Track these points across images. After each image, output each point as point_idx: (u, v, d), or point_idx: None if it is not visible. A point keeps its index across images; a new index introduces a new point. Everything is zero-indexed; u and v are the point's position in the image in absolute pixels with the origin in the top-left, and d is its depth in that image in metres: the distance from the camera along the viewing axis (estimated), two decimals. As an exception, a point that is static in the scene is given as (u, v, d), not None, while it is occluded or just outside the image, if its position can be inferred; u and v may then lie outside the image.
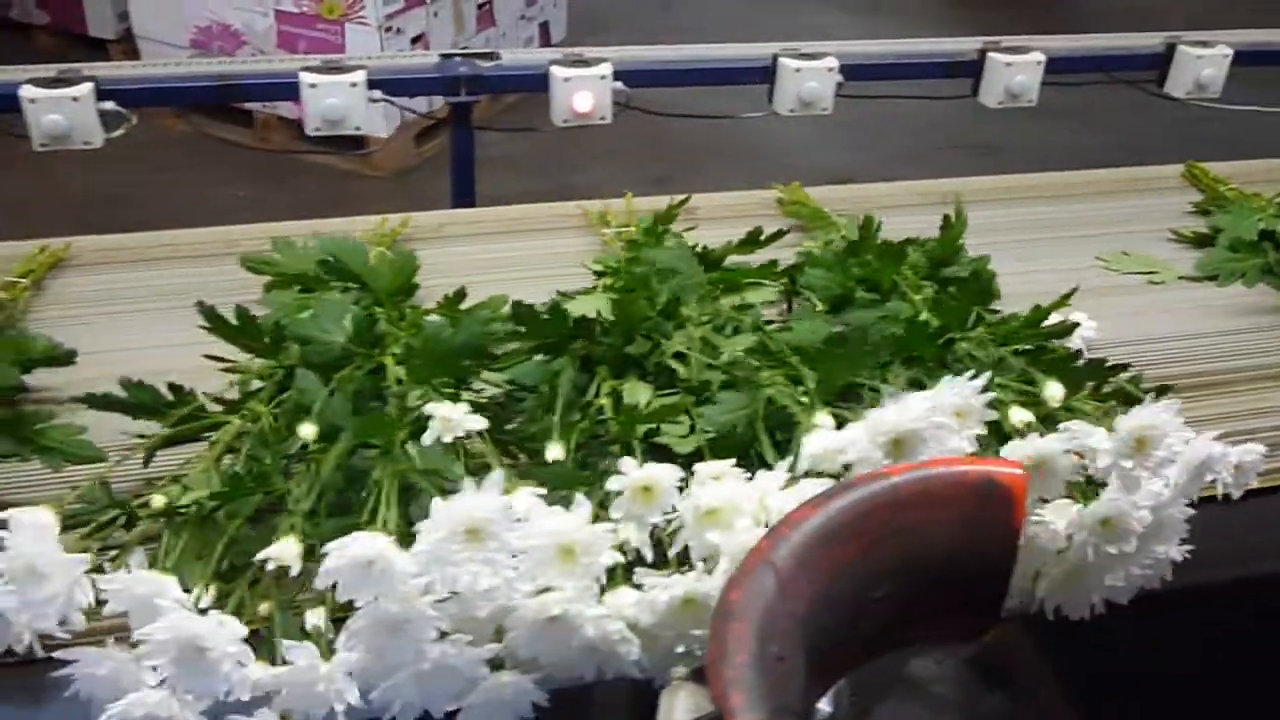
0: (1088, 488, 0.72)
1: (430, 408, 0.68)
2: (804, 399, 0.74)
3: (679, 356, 0.83)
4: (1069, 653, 1.16)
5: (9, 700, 0.66)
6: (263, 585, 0.68)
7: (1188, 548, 0.74)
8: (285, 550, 0.63)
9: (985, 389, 0.69)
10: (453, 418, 0.68)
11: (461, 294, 0.91)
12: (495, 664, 0.66)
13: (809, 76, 1.37)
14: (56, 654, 0.63)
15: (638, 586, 0.67)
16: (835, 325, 0.90)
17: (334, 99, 1.24)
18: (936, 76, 1.55)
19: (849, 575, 0.53)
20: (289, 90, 1.26)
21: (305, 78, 1.23)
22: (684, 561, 0.68)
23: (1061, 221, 1.20)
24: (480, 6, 3.33)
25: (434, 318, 0.89)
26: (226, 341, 0.82)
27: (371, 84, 1.28)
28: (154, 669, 0.61)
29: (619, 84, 1.34)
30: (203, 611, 0.64)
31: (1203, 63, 1.51)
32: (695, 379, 0.80)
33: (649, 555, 0.69)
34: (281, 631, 0.65)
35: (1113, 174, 1.29)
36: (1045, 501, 0.70)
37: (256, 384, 0.83)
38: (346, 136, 1.76)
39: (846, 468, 0.67)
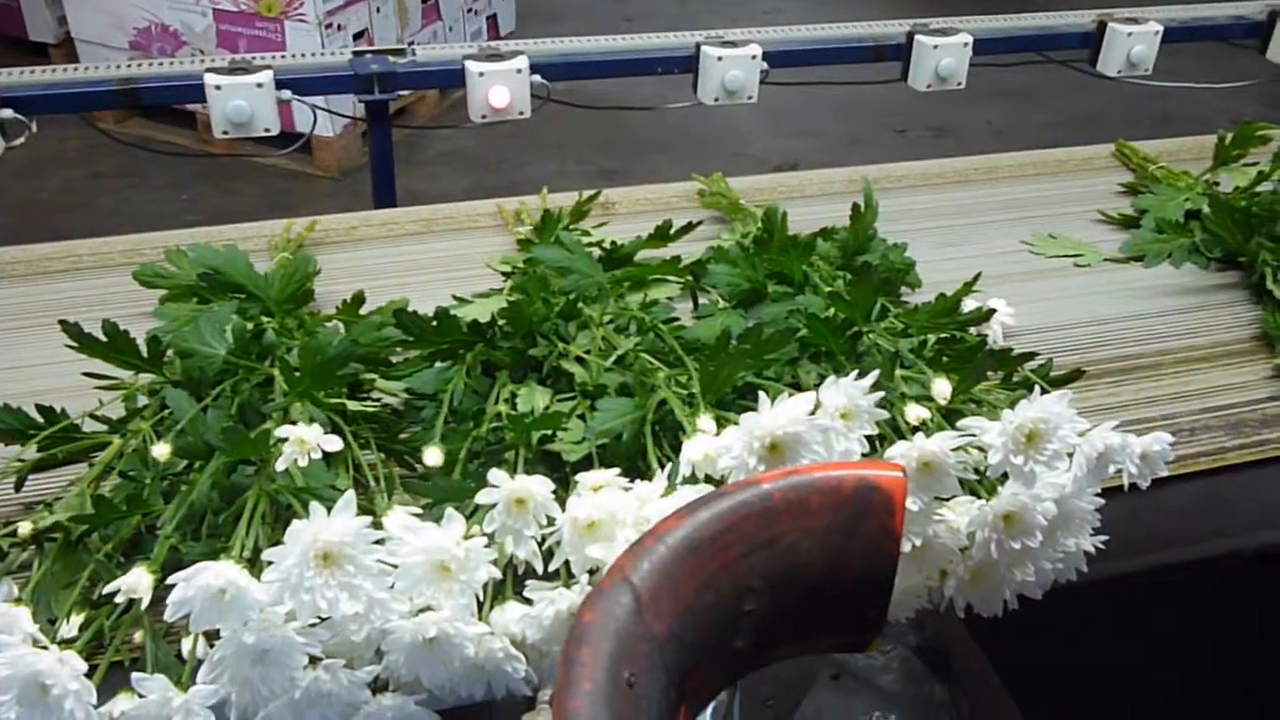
0: (990, 483, 0.70)
1: (282, 430, 0.65)
2: (690, 401, 0.71)
3: (578, 360, 0.80)
4: (1008, 641, 1.15)
5: None
6: (133, 613, 0.65)
7: (1101, 538, 0.72)
8: (137, 581, 0.61)
9: (877, 386, 0.67)
10: (307, 439, 0.65)
11: (360, 299, 0.88)
12: (380, 686, 0.64)
13: (732, 65, 1.35)
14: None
15: (529, 601, 0.65)
16: (749, 321, 0.88)
17: (240, 100, 1.20)
18: (863, 60, 1.54)
19: (717, 589, 0.50)
20: (195, 93, 1.23)
21: (210, 79, 1.20)
22: (571, 574, 0.66)
23: (989, 205, 1.18)
24: (425, 1, 3.30)
25: (333, 325, 0.86)
26: (99, 359, 0.79)
27: (280, 84, 1.25)
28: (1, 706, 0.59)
29: (537, 77, 1.32)
30: (67, 643, 0.62)
31: (1133, 40, 1.50)
32: (593, 382, 0.77)
33: (540, 567, 0.67)
34: (153, 661, 0.63)
35: (1042, 155, 1.27)
36: (943, 500, 0.68)
37: (143, 400, 0.81)
38: (293, 135, 1.74)
39: (724, 476, 0.65)
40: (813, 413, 0.65)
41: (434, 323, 0.78)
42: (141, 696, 0.59)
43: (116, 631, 0.64)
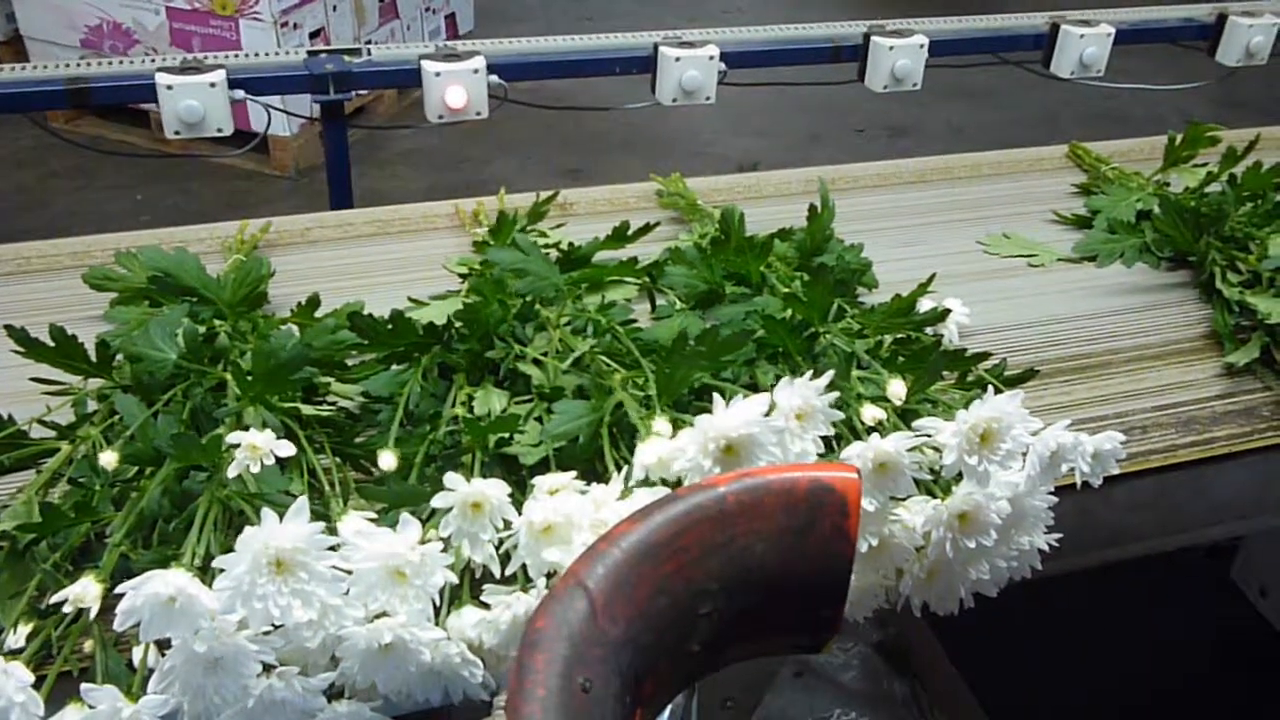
0: (946, 483, 0.70)
1: (233, 436, 0.65)
2: (647, 403, 0.71)
3: (534, 361, 0.80)
4: (966, 637, 1.17)
5: None
6: (82, 622, 0.64)
7: (1056, 536, 0.73)
8: (84, 591, 0.60)
9: (833, 386, 0.67)
10: (259, 444, 0.64)
11: (315, 302, 0.88)
12: (336, 693, 0.64)
13: (690, 65, 1.35)
14: None
15: (486, 605, 0.65)
16: (709, 322, 0.88)
17: (192, 100, 1.19)
18: (821, 61, 1.56)
19: (673, 592, 0.50)
20: (145, 93, 1.22)
21: (161, 79, 1.19)
22: (529, 578, 0.66)
23: (944, 206, 1.19)
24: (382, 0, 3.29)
25: (288, 328, 0.86)
26: (50, 364, 0.77)
27: (234, 84, 1.24)
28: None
29: (494, 77, 1.31)
30: (13, 654, 0.61)
31: (1085, 41, 1.53)
32: (550, 384, 0.77)
33: (498, 571, 0.66)
34: (103, 671, 0.62)
35: (997, 156, 1.28)
36: (898, 500, 0.69)
37: (93, 406, 0.79)
38: (249, 135, 1.72)
39: (680, 479, 0.65)
40: (768, 414, 0.65)
41: (389, 326, 0.78)
42: (91, 708, 0.58)
43: (65, 641, 0.63)
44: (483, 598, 0.64)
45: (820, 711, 1.18)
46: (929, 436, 0.68)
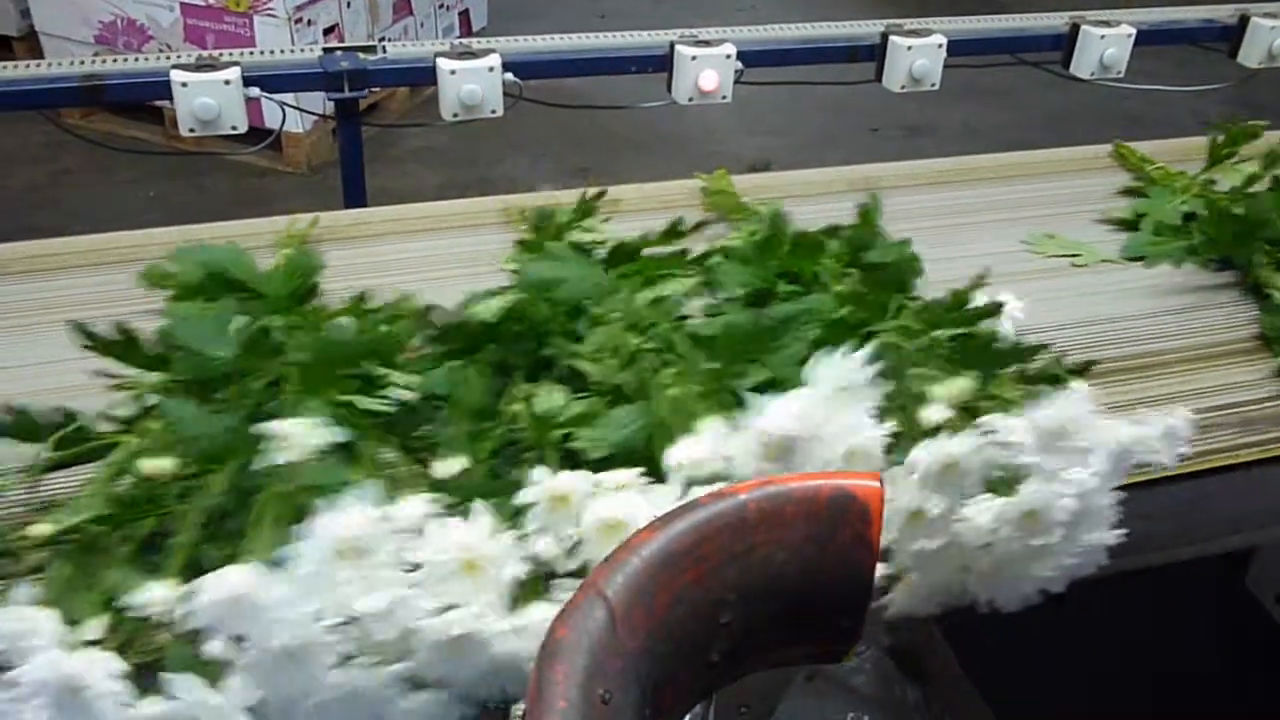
0: (1011, 480, 0.70)
1: (269, 426, 0.65)
2: (699, 400, 0.72)
3: (589, 358, 0.80)
4: (978, 643, 1.16)
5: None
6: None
7: (1121, 531, 0.73)
8: (159, 595, 0.60)
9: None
10: (293, 435, 0.64)
11: (365, 296, 0.88)
12: (410, 684, 0.64)
13: (706, 64, 1.35)
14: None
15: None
16: (763, 320, 0.88)
17: (207, 98, 1.19)
18: (838, 61, 1.54)
19: (692, 601, 0.50)
20: (160, 90, 1.21)
21: (176, 76, 1.19)
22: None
23: (987, 205, 1.19)
24: None
25: (340, 322, 0.86)
26: (109, 358, 0.78)
27: (248, 81, 1.23)
28: (36, 710, 0.58)
29: (509, 75, 1.31)
30: (92, 645, 0.61)
31: (1106, 42, 1.52)
32: (609, 380, 0.77)
33: (561, 567, 0.66)
34: (176, 663, 0.62)
35: (1039, 155, 1.28)
36: (966, 498, 0.69)
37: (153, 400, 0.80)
38: (263, 132, 1.72)
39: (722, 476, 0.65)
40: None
41: (451, 323, 0.78)
42: (174, 698, 0.58)
43: (139, 634, 0.64)
44: (552, 593, 0.64)
45: (832, 715, 1.18)
46: (993, 433, 0.68)
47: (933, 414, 0.71)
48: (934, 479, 0.66)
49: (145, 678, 0.60)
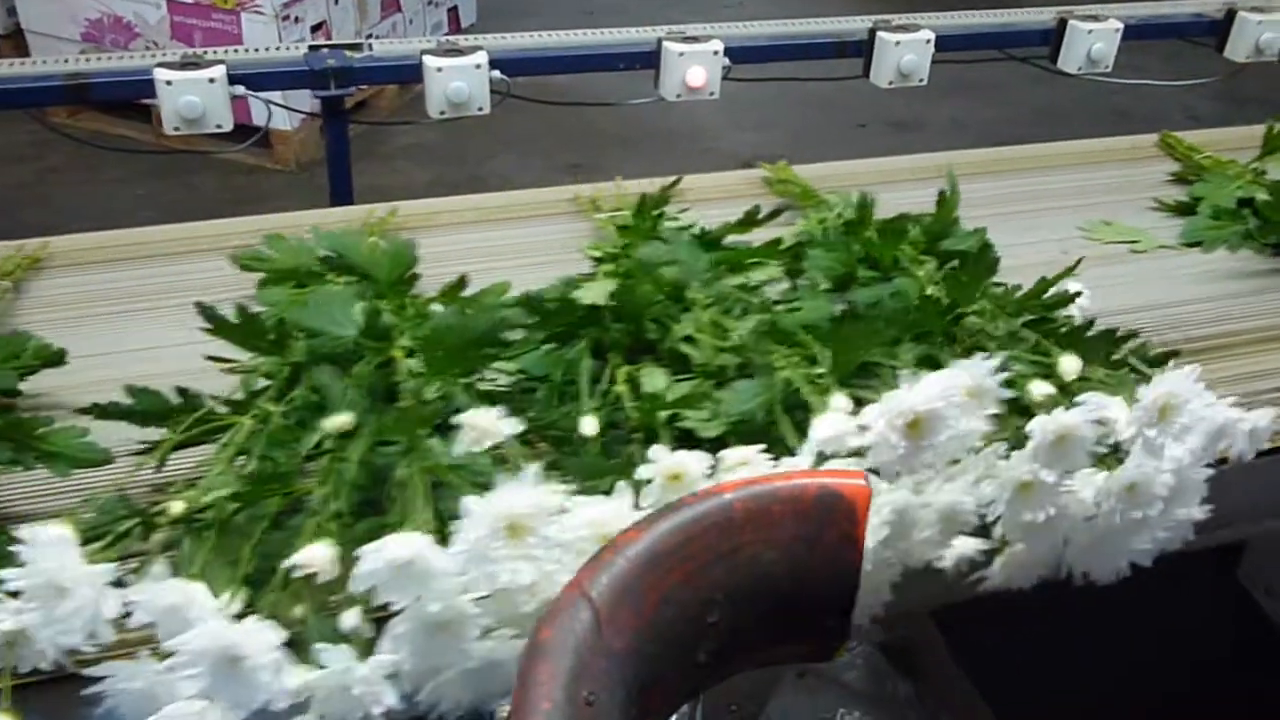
0: (1109, 455, 0.73)
1: (463, 417, 0.67)
2: (818, 380, 0.74)
3: (688, 340, 0.82)
4: (971, 639, 1.17)
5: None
6: (293, 589, 0.66)
7: (1209, 507, 0.75)
8: (318, 555, 0.62)
9: (1002, 366, 0.70)
10: (486, 426, 0.66)
11: (463, 282, 0.90)
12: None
13: (694, 60, 1.35)
14: (87, 670, 0.61)
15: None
16: (838, 304, 0.90)
17: (192, 96, 1.19)
18: (825, 57, 1.54)
19: (679, 602, 0.50)
20: (145, 89, 1.21)
21: (160, 75, 1.19)
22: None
23: (1042, 193, 1.21)
24: None
25: (437, 307, 0.87)
26: (227, 341, 0.79)
27: (234, 79, 1.24)
28: (191, 680, 0.60)
29: (496, 73, 1.32)
30: (236, 618, 0.63)
31: (1093, 37, 1.53)
32: (711, 363, 0.79)
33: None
34: (316, 635, 0.64)
35: (1089, 145, 1.30)
36: (1070, 473, 0.71)
37: (261, 383, 0.81)
38: (251, 129, 1.71)
39: (862, 452, 0.67)
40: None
41: (555, 305, 0.80)
42: (322, 667, 0.60)
43: (278, 608, 0.65)
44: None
45: (823, 712, 1.18)
46: (1101, 409, 0.70)
47: (1037, 390, 0.73)
48: (1046, 451, 0.68)
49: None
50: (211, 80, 1.23)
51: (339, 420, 0.69)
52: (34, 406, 0.83)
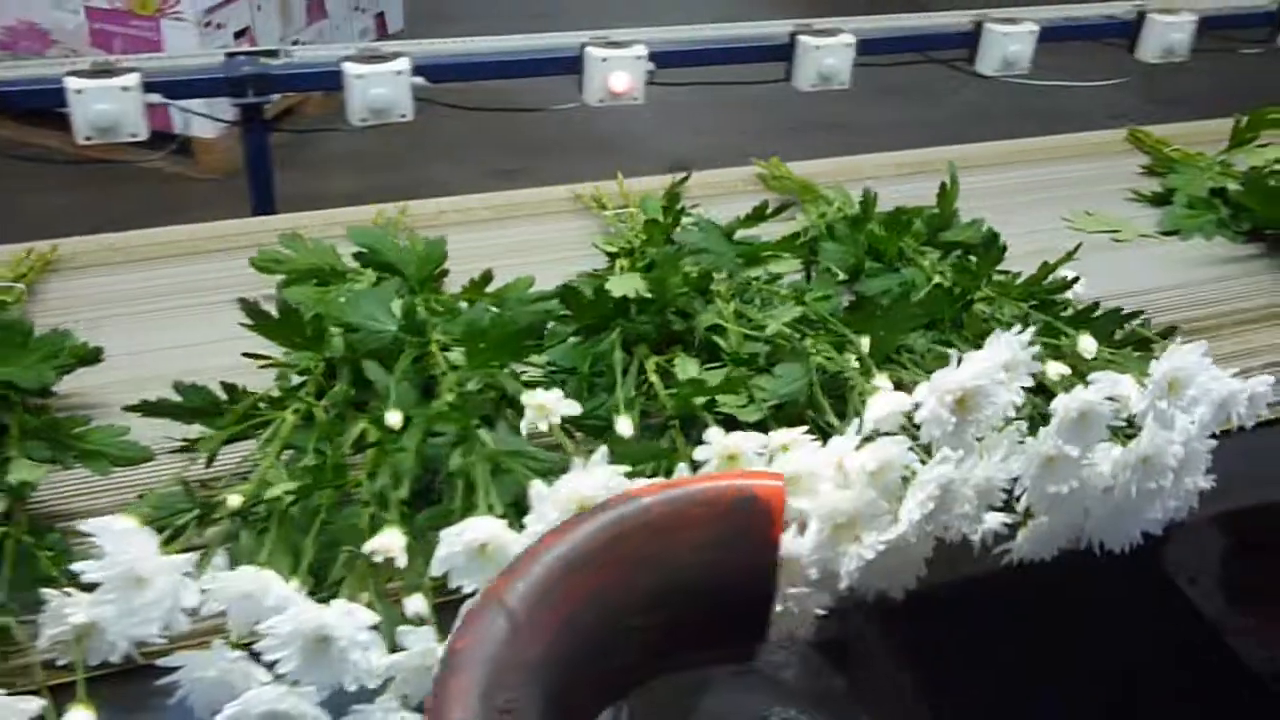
0: (1122, 431, 0.77)
1: (525, 397, 0.69)
2: (857, 364, 0.77)
3: (716, 330, 0.85)
4: (907, 632, 1.20)
5: (111, 713, 0.64)
6: (357, 575, 0.67)
7: (1213, 477, 0.80)
8: (392, 542, 0.63)
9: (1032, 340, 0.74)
10: (548, 404, 0.69)
11: (488, 277, 0.91)
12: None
13: (617, 65, 1.37)
14: (160, 661, 0.62)
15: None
16: (845, 294, 0.94)
17: (104, 105, 1.18)
18: (748, 61, 1.56)
19: (597, 607, 0.50)
20: (55, 97, 1.20)
21: (71, 83, 1.18)
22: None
23: (1020, 187, 1.26)
24: None
25: (463, 303, 0.89)
26: (267, 337, 0.81)
27: (149, 86, 1.22)
28: (270, 665, 0.61)
29: (419, 79, 1.32)
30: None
31: (1009, 39, 1.57)
32: (740, 351, 0.82)
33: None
34: (386, 620, 0.66)
35: (1064, 140, 1.36)
36: (1090, 447, 0.75)
37: (295, 379, 0.82)
38: (173, 137, 1.67)
39: (915, 427, 0.70)
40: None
41: (590, 298, 0.82)
42: (403, 649, 0.62)
43: (345, 594, 0.67)
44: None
45: (759, 710, 1.20)
46: (1115, 386, 0.74)
47: (1053, 370, 0.77)
48: (1070, 427, 0.72)
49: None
50: (125, 88, 1.21)
51: (396, 417, 0.70)
52: (63, 406, 0.83)
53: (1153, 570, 1.70)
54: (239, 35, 2.97)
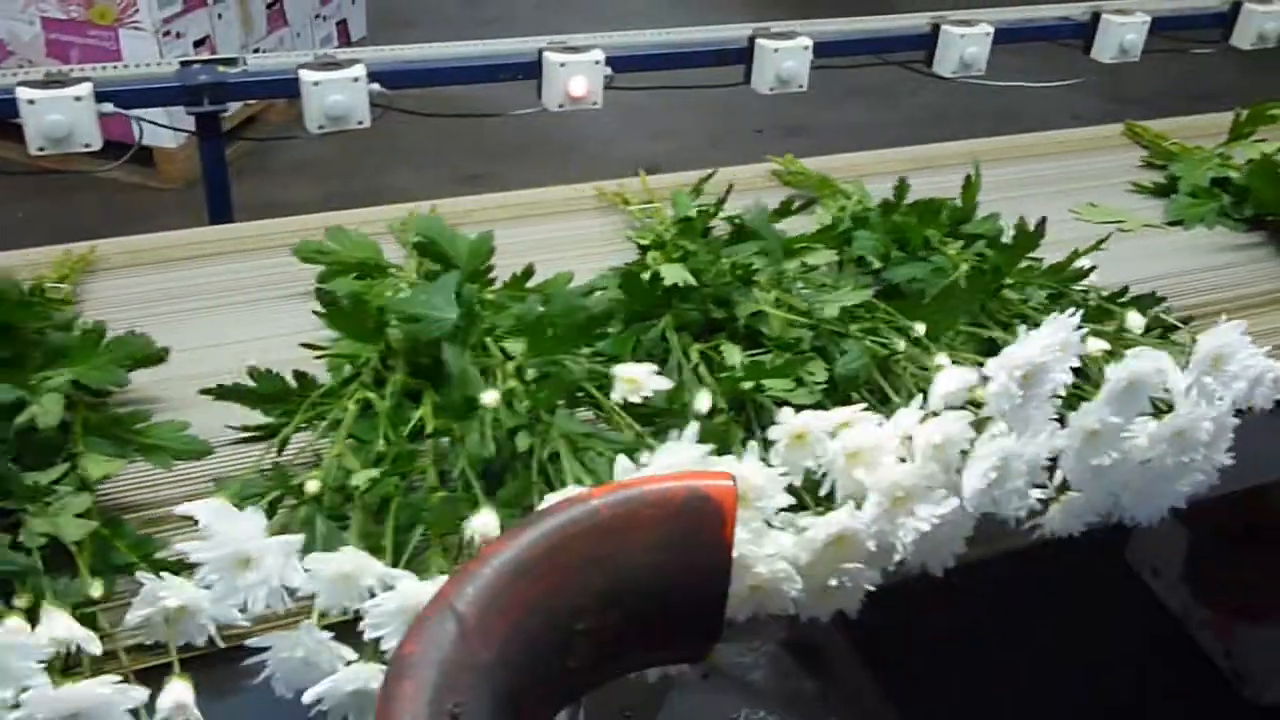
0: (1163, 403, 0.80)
1: (616, 369, 0.71)
2: (905, 346, 0.80)
3: (758, 317, 0.88)
4: (875, 635, 1.23)
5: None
6: (436, 554, 0.69)
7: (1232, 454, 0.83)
8: (488, 522, 0.65)
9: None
10: (639, 378, 0.71)
11: (529, 272, 0.93)
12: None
13: (575, 70, 1.38)
14: (249, 642, 0.63)
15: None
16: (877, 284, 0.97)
17: (57, 115, 1.18)
18: (706, 64, 1.57)
19: (548, 610, 0.50)
20: (7, 108, 1.19)
21: (23, 93, 1.17)
22: (819, 502, 0.73)
23: (1024, 181, 1.30)
24: (270, 6, 3.22)
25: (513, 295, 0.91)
26: (336, 329, 0.82)
27: (103, 96, 1.22)
28: (374, 644, 0.63)
29: (376, 85, 1.33)
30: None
31: (966, 41, 1.60)
32: (785, 337, 0.85)
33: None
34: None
35: (1064, 134, 1.40)
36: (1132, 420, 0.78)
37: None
38: (134, 147, 1.63)
39: (979, 404, 0.73)
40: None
41: (646, 286, 0.85)
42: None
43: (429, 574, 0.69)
44: (798, 521, 0.71)
45: (730, 712, 1.18)
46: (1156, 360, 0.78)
47: (1093, 346, 0.81)
48: (1119, 396, 0.75)
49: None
50: (77, 98, 1.20)
51: (493, 395, 0.72)
52: (119, 403, 0.84)
53: (1117, 563, 1.74)
54: (199, 44, 2.93)
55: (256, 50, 2.98)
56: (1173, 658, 1.68)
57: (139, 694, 0.60)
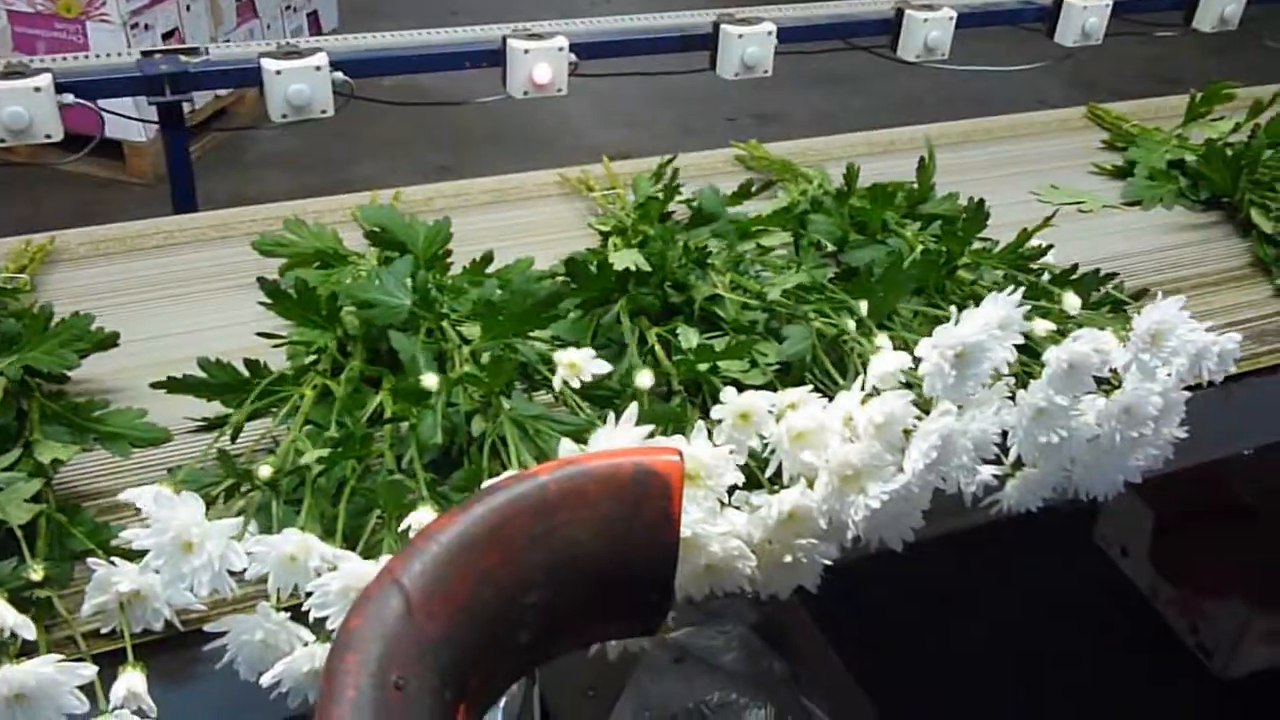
0: (1104, 384, 0.81)
1: (557, 355, 0.72)
2: (854, 327, 0.81)
3: (713, 300, 0.89)
4: (844, 616, 1.24)
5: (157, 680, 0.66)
6: (391, 535, 0.70)
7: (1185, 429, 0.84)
8: (424, 518, 0.66)
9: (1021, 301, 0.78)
10: (579, 362, 0.72)
11: (489, 258, 0.94)
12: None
13: (539, 57, 1.38)
14: (207, 626, 0.64)
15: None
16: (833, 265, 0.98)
17: (16, 107, 1.17)
18: (671, 51, 1.57)
19: (496, 584, 0.50)
20: None
21: None
22: (773, 480, 0.74)
23: (986, 163, 1.31)
24: None
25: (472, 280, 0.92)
26: (284, 317, 0.83)
27: (63, 87, 1.21)
28: (318, 623, 0.63)
29: (339, 74, 1.33)
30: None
31: (929, 25, 1.60)
32: (741, 320, 0.86)
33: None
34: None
35: (1026, 118, 1.41)
36: (1077, 398, 0.80)
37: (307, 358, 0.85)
38: (109, 141, 1.58)
39: (913, 384, 0.74)
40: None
41: (595, 271, 0.85)
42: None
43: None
44: (751, 499, 0.72)
45: (700, 695, 1.18)
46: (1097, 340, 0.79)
47: (1040, 327, 0.82)
48: (1060, 378, 0.76)
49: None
50: (37, 89, 1.19)
51: (432, 379, 0.73)
52: (78, 392, 0.84)
53: (1087, 544, 1.75)
54: (167, 36, 2.91)
55: (226, 42, 2.96)
56: (1141, 635, 1.69)
57: (86, 671, 0.60)
